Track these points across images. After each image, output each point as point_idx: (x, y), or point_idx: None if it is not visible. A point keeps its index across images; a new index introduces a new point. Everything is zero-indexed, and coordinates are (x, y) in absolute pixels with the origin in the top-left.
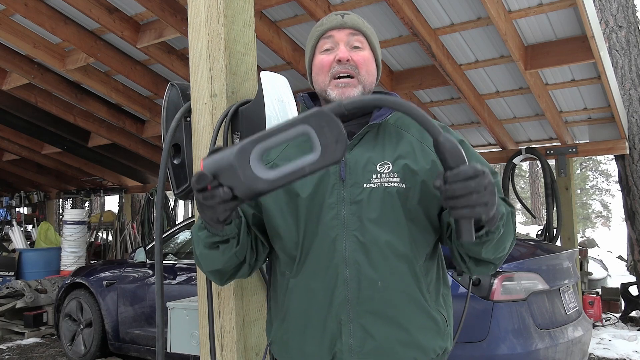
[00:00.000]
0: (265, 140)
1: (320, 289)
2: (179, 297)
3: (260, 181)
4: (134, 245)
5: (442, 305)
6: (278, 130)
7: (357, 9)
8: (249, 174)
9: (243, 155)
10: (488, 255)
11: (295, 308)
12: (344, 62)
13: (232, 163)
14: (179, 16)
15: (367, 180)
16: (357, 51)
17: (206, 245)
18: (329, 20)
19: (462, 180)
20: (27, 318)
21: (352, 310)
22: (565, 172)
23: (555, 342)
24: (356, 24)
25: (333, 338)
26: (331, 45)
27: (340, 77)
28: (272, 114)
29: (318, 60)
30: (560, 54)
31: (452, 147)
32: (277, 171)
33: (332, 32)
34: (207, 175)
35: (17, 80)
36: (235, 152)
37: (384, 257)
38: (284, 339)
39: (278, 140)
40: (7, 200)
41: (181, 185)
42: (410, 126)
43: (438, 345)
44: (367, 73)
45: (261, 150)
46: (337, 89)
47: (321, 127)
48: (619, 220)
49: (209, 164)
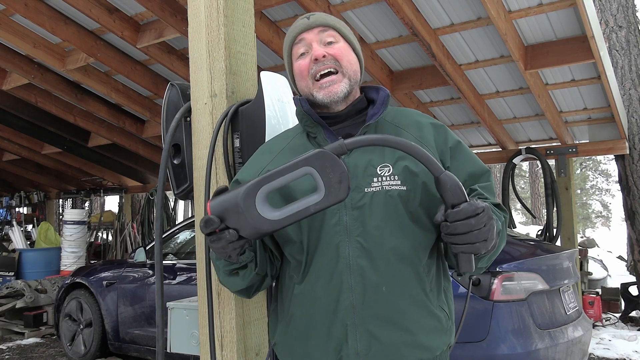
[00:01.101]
0: (270, 182)
1: (325, 295)
2: (179, 297)
3: (266, 222)
4: (134, 245)
5: (444, 301)
6: (282, 172)
7: (357, 9)
8: (255, 214)
9: (249, 197)
10: (482, 265)
11: (301, 314)
12: (321, 59)
13: (239, 204)
14: (179, 16)
15: (367, 184)
16: (331, 46)
17: (226, 273)
18: (296, 26)
19: (463, 218)
20: (27, 318)
21: (358, 315)
22: (565, 172)
23: (555, 342)
24: (323, 20)
25: (339, 343)
26: (305, 48)
27: (322, 76)
28: (272, 114)
29: (296, 66)
30: (560, 54)
31: (453, 184)
32: (282, 211)
33: (302, 35)
34: (215, 220)
35: (17, 80)
36: (241, 194)
37: (387, 261)
38: (289, 344)
39: (282, 182)
40: (7, 200)
41: (181, 185)
42: (408, 124)
43: (442, 342)
44: (348, 63)
45: (266, 191)
46: (322, 90)
47: (324, 168)
48: (619, 220)
49: (216, 206)
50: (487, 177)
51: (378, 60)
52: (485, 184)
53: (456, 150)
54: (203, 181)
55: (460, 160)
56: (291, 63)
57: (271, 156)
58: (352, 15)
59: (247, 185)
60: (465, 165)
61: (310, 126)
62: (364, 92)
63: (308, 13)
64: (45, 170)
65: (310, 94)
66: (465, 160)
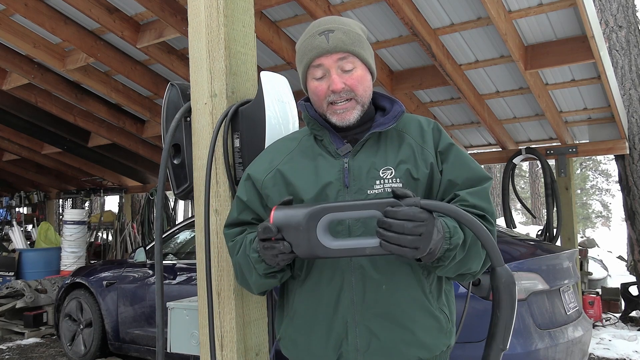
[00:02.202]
0: (337, 212)
1: (327, 292)
2: (179, 297)
3: (322, 248)
4: (134, 245)
5: (444, 304)
6: (352, 207)
7: (357, 9)
8: (313, 238)
9: (312, 220)
10: (449, 274)
11: (304, 308)
12: (339, 92)
13: (301, 224)
14: (179, 16)
15: (370, 186)
16: (349, 74)
17: (263, 275)
18: (314, 46)
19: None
20: (27, 318)
21: (358, 312)
22: (565, 172)
23: (555, 342)
24: (343, 46)
25: (339, 339)
26: (322, 72)
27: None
28: (272, 114)
29: (312, 86)
30: (560, 54)
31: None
32: (339, 243)
33: (321, 60)
34: (273, 229)
35: (17, 80)
36: (306, 215)
37: (387, 261)
38: (293, 338)
39: (348, 216)
40: (7, 200)
41: (181, 185)
42: (410, 129)
43: (441, 343)
44: (363, 91)
45: (329, 220)
46: (335, 115)
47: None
48: (619, 220)
49: (280, 217)
50: (481, 181)
51: (378, 60)
52: (477, 188)
53: (448, 153)
54: (203, 181)
55: (453, 164)
56: (306, 78)
57: (281, 157)
58: (352, 15)
59: (313, 207)
60: (459, 170)
61: (317, 129)
62: (374, 98)
63: (325, 24)
64: (45, 170)
65: (324, 114)
66: (459, 164)
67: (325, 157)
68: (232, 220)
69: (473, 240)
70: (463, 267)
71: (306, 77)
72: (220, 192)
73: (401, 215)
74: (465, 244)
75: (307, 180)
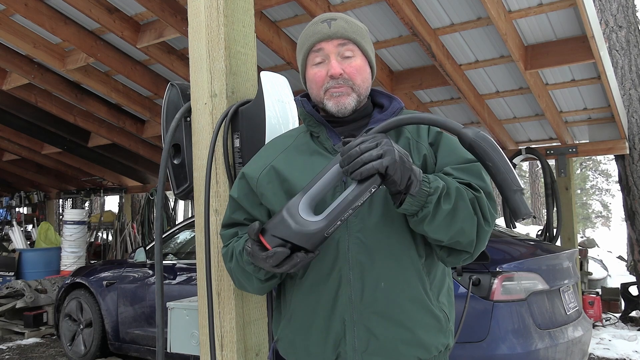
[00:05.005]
0: (309, 191)
1: (325, 290)
2: (179, 297)
3: (312, 223)
4: (134, 245)
5: (444, 303)
6: (315, 179)
7: (357, 9)
8: (299, 220)
9: (291, 207)
10: (440, 236)
11: (301, 308)
12: (337, 77)
13: (282, 215)
14: (179, 16)
15: None
16: (349, 61)
17: (264, 280)
18: (316, 31)
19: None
20: (27, 318)
21: (356, 311)
22: (565, 172)
23: (555, 342)
24: (344, 32)
25: (337, 338)
26: (322, 58)
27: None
28: (272, 114)
29: (311, 74)
30: (560, 54)
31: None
32: (324, 212)
33: (321, 45)
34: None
35: (17, 80)
36: (284, 209)
37: (386, 258)
38: (290, 338)
39: (321, 187)
40: (7, 200)
41: (181, 185)
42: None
43: (440, 343)
44: (361, 81)
45: (308, 201)
46: (332, 99)
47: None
48: (619, 220)
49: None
50: (470, 162)
51: (378, 60)
52: (464, 165)
53: (438, 142)
54: (203, 181)
55: (443, 150)
56: (305, 66)
57: (276, 153)
58: (352, 15)
59: (287, 203)
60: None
61: (313, 126)
62: (372, 95)
63: (328, 14)
64: (45, 170)
65: (321, 101)
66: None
67: (321, 154)
68: (226, 220)
69: (460, 193)
70: (455, 226)
71: (306, 64)
72: (220, 192)
73: (354, 144)
74: (449, 194)
75: (303, 176)
